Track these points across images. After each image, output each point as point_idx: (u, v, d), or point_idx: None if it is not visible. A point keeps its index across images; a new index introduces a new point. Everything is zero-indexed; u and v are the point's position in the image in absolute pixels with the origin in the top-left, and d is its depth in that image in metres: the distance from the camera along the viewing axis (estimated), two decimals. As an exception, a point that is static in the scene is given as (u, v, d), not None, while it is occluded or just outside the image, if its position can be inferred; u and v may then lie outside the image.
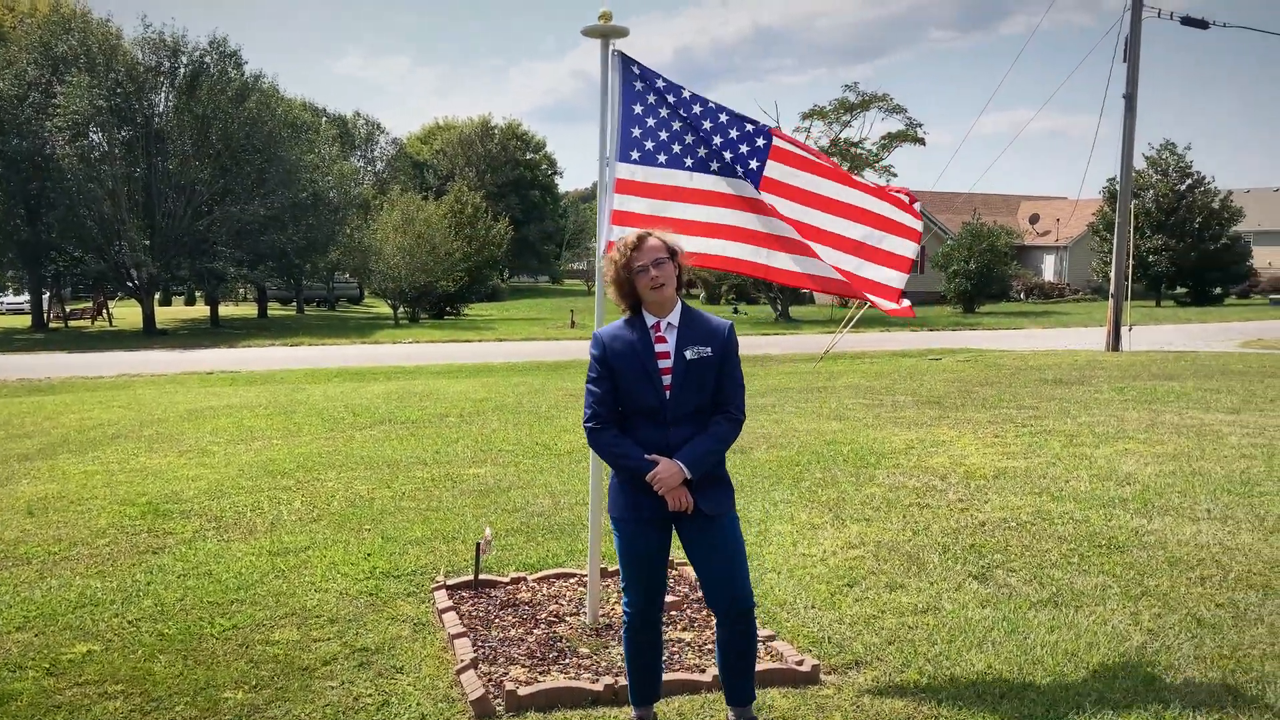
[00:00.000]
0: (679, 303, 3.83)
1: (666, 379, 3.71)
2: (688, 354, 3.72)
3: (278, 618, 5.20)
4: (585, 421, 3.80)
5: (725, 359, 3.77)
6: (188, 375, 20.30)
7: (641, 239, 3.81)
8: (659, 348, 3.75)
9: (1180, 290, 47.40)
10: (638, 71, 4.91)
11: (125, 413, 13.45)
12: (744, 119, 5.00)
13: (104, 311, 40.40)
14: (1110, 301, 22.98)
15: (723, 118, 4.94)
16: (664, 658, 4.40)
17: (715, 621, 3.89)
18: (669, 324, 3.78)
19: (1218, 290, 46.60)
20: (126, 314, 42.98)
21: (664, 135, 4.91)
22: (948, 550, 6.22)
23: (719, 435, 3.73)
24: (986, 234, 42.47)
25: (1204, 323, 33.88)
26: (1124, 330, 22.65)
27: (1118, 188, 24.10)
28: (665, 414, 3.71)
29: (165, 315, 43.24)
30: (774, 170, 4.98)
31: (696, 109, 4.91)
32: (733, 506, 3.84)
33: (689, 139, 4.92)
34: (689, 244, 4.92)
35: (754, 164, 4.95)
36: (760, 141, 4.95)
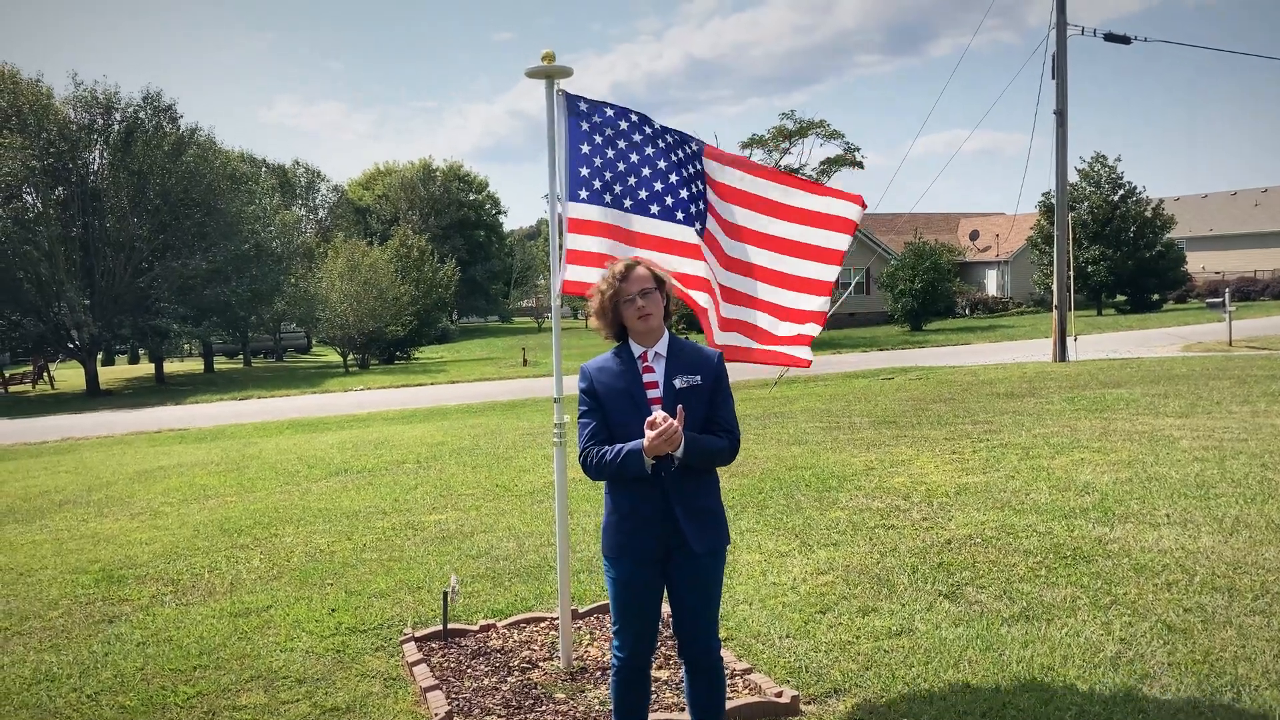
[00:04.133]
0: (666, 332, 3.76)
1: (656, 409, 3.60)
2: (677, 383, 3.65)
3: (243, 681, 5.07)
4: (580, 457, 3.70)
5: (717, 387, 3.70)
6: (135, 435, 19.90)
7: (629, 269, 3.73)
8: (647, 378, 3.68)
9: (1120, 298, 48.30)
10: (584, 109, 4.92)
11: (72, 478, 13.14)
12: (682, 141, 5.02)
13: (45, 375, 39.53)
14: (1054, 313, 23.36)
15: (674, 156, 4.96)
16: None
17: (684, 671, 3.81)
18: (656, 354, 3.71)
19: (1155, 296, 47.50)
20: (68, 376, 42.13)
21: (609, 175, 4.92)
22: (916, 570, 6.23)
23: (715, 442, 3.63)
24: (929, 253, 43.05)
25: (1145, 329, 34.55)
26: (1069, 340, 23.02)
27: (1054, 201, 24.57)
28: None
29: (109, 375, 42.40)
30: (713, 199, 5.03)
31: (635, 157, 4.93)
32: (724, 544, 3.74)
33: (631, 180, 4.93)
34: None
35: (696, 207, 4.99)
36: (698, 186, 5.00)
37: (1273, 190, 59.72)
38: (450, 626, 5.53)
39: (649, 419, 3.49)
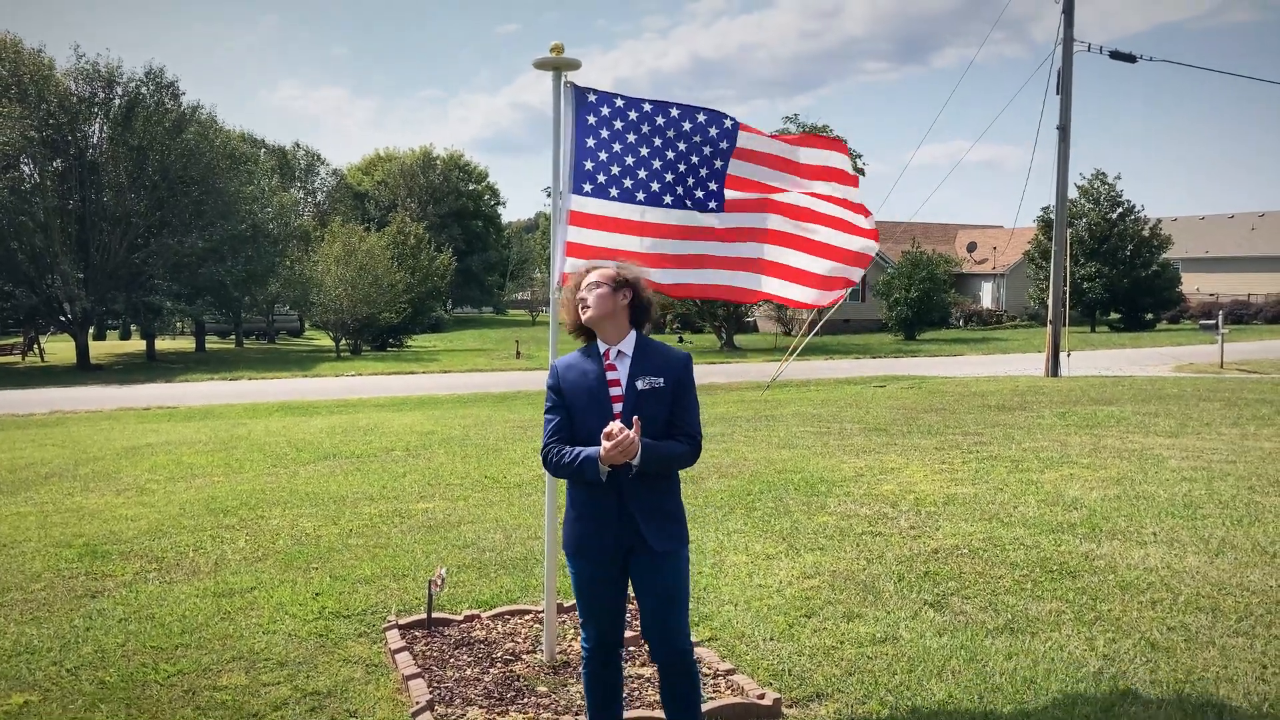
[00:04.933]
0: (633, 333, 3.76)
1: (617, 408, 3.63)
2: (639, 384, 3.65)
3: (225, 662, 5.05)
4: (542, 452, 3.72)
5: (679, 391, 3.70)
6: (124, 411, 19.83)
7: (595, 266, 3.78)
8: (610, 375, 3.69)
9: (1114, 316, 48.43)
10: (594, 100, 4.89)
11: (59, 451, 13.09)
12: (710, 120, 4.96)
13: (35, 347, 39.39)
14: (1049, 328, 23.40)
15: (682, 145, 4.92)
16: (624, 694, 4.33)
17: (657, 671, 3.80)
18: (619, 352, 3.71)
19: (1149, 316, 47.68)
20: (59, 349, 41.96)
21: (615, 170, 4.88)
22: (902, 578, 6.23)
23: (674, 447, 3.64)
24: (926, 262, 43.12)
25: (1138, 347, 34.64)
26: (1062, 356, 23.06)
27: (1053, 216, 24.59)
28: None
29: (99, 350, 42.26)
30: (731, 194, 5.00)
31: (658, 141, 4.89)
32: (683, 545, 3.73)
33: (641, 173, 4.90)
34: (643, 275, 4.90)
35: (713, 186, 4.96)
36: (719, 164, 4.96)
37: (1270, 214, 59.92)
38: (434, 615, 5.52)
39: (605, 430, 3.48)
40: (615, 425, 3.47)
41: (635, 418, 3.52)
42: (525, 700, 4.51)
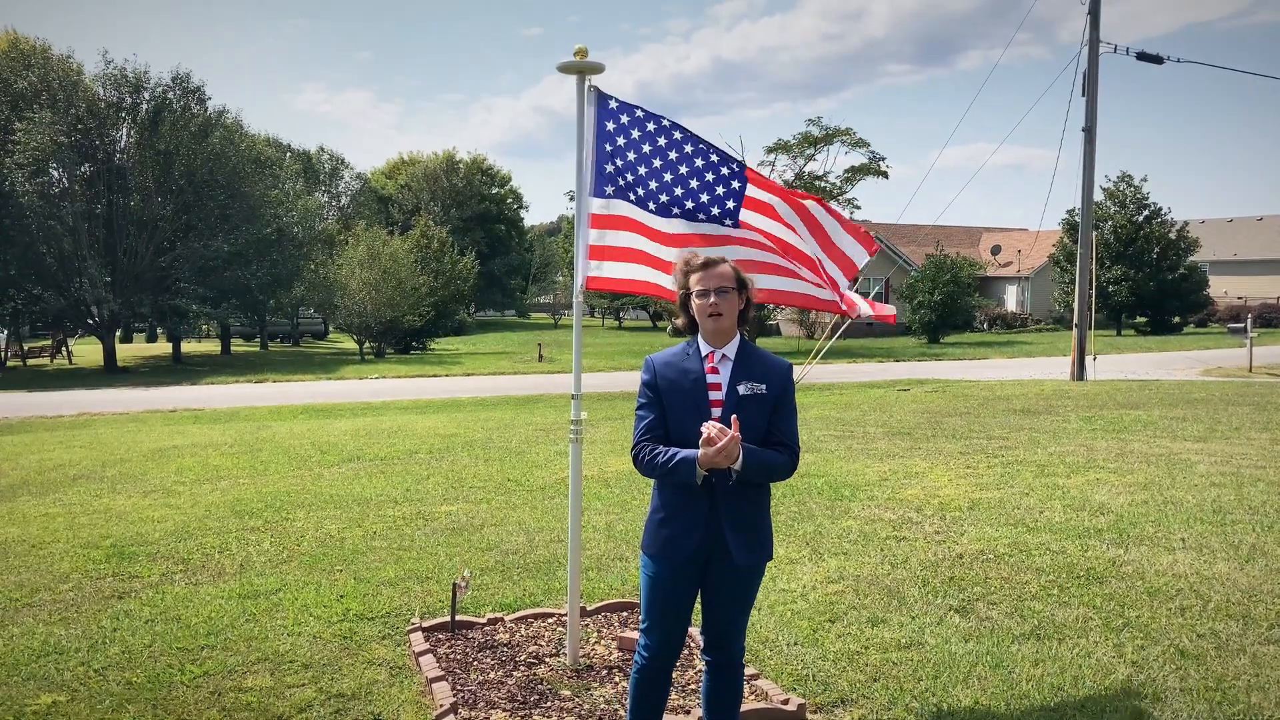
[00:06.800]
0: (738, 336, 3.67)
1: (716, 412, 3.54)
2: (741, 389, 3.55)
3: (250, 663, 5.07)
4: (633, 449, 3.63)
5: (781, 398, 3.60)
6: (150, 414, 19.98)
7: (712, 262, 3.63)
8: (711, 379, 3.59)
9: (1140, 319, 48.01)
10: (615, 106, 4.89)
11: (87, 453, 13.20)
12: (723, 160, 4.96)
13: (63, 349, 39.76)
14: (1074, 331, 23.23)
15: (698, 161, 4.90)
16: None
17: (705, 669, 3.80)
18: (724, 356, 3.61)
19: (1176, 319, 47.23)
20: (86, 352, 42.36)
21: (642, 170, 4.88)
22: (927, 583, 6.19)
23: (774, 457, 3.52)
24: (949, 266, 42.90)
25: (1164, 351, 34.30)
26: (1088, 359, 22.88)
27: (1078, 219, 24.42)
28: None
29: (126, 353, 42.60)
30: (747, 216, 4.96)
31: (673, 154, 4.88)
32: (767, 558, 3.67)
33: (653, 184, 4.88)
34: (658, 280, 4.88)
35: (730, 204, 4.93)
36: (736, 184, 4.93)
37: (1299, 217, 59.22)
38: (458, 618, 5.53)
39: (704, 435, 3.38)
40: (714, 427, 3.38)
41: (734, 417, 3.43)
42: (548, 704, 4.50)
